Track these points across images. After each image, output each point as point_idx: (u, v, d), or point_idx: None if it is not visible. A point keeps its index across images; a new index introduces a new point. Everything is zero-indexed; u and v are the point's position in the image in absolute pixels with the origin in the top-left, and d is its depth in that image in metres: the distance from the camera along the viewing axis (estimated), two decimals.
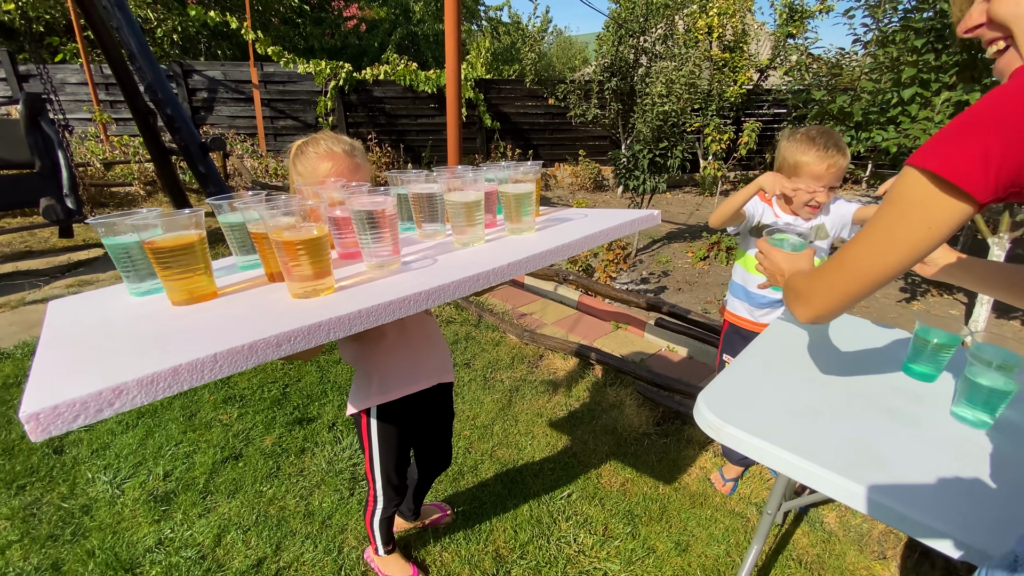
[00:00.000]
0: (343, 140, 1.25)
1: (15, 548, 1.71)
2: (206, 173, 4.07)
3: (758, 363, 1.37)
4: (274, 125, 8.72)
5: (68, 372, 0.63)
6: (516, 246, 1.05)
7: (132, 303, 0.90)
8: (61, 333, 0.79)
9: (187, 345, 0.66)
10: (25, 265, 4.30)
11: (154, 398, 0.61)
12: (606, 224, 1.18)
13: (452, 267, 0.92)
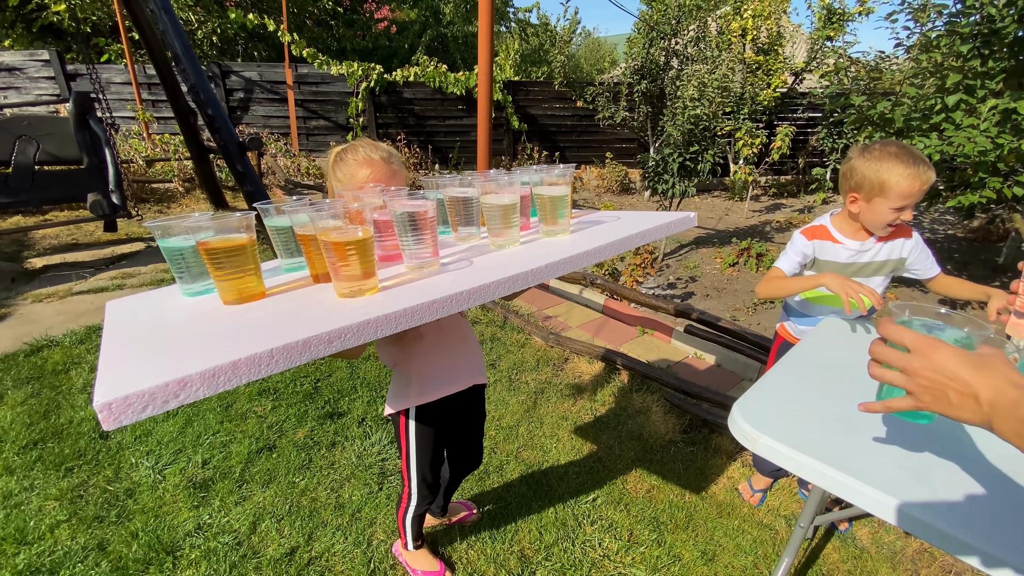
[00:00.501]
0: (380, 147, 1.27)
1: (63, 528, 1.80)
2: (243, 171, 4.19)
3: (794, 373, 1.36)
4: (306, 125, 8.92)
5: (135, 366, 0.66)
6: (552, 248, 1.07)
7: (185, 303, 0.94)
8: (122, 329, 0.84)
9: (244, 341, 0.70)
10: (72, 257, 4.50)
11: (215, 391, 0.65)
12: (642, 226, 1.18)
13: (490, 268, 0.94)
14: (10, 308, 3.45)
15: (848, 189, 1.54)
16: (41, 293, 3.69)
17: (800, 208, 8.12)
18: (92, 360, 2.81)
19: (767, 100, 7.46)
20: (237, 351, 0.66)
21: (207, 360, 0.64)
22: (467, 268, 0.96)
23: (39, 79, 8.26)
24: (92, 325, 3.17)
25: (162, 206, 6.42)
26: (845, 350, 1.50)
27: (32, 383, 2.59)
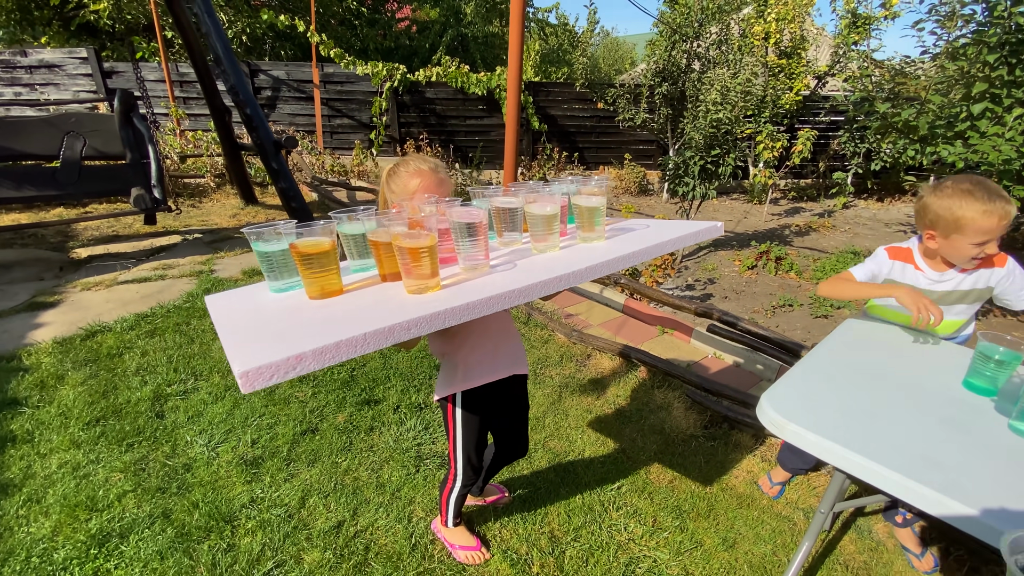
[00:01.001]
0: (428, 160, 1.42)
1: (129, 497, 1.95)
2: (278, 169, 4.36)
3: (818, 369, 1.45)
4: (331, 123, 9.11)
5: (256, 346, 0.80)
6: (589, 253, 1.18)
7: (274, 297, 1.08)
8: (230, 318, 0.98)
9: (339, 327, 0.83)
10: (114, 248, 4.71)
11: (322, 366, 0.78)
12: (671, 234, 1.28)
13: (534, 270, 1.06)
14: (62, 295, 3.65)
15: (924, 226, 1.54)
16: (89, 282, 3.89)
17: (820, 212, 8.11)
18: (143, 345, 2.98)
19: (789, 104, 7.46)
20: (337, 334, 0.79)
21: (314, 341, 0.77)
22: (513, 270, 1.08)
23: (77, 76, 8.57)
24: (140, 313, 3.35)
25: (194, 200, 6.64)
26: (866, 349, 1.59)
27: (90, 365, 2.76)
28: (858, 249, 6.09)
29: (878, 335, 1.68)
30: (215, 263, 4.45)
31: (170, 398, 2.54)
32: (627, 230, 1.40)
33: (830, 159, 9.01)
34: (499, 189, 1.44)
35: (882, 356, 1.55)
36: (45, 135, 4.38)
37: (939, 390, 1.36)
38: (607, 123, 9.30)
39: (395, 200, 1.39)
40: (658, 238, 1.26)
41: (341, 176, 8.28)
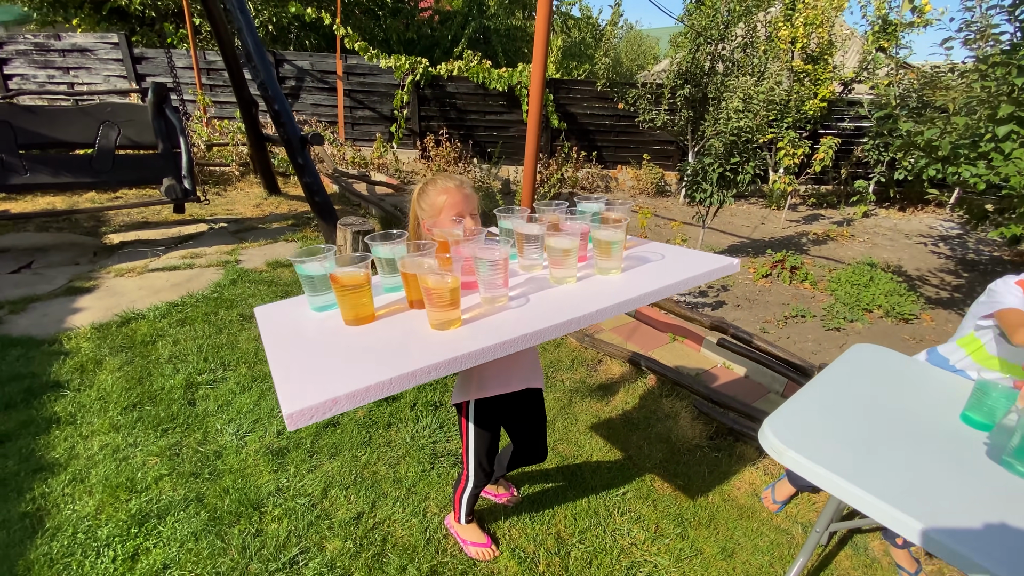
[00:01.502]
0: (454, 177, 1.53)
1: (165, 480, 2.09)
2: (303, 164, 4.47)
3: (821, 398, 1.52)
4: (352, 115, 9.22)
5: (299, 385, 0.91)
6: (603, 288, 1.26)
7: (314, 317, 1.20)
8: (278, 339, 1.10)
9: (370, 367, 0.95)
10: (144, 235, 4.89)
11: (354, 407, 0.91)
12: (686, 273, 1.34)
13: (548, 309, 1.15)
14: (97, 281, 3.82)
15: None
16: (122, 268, 4.06)
17: (839, 220, 8.04)
18: (174, 334, 3.13)
19: (813, 110, 7.38)
20: (367, 378, 0.91)
21: (347, 385, 0.89)
22: (527, 306, 1.17)
23: (108, 60, 8.77)
24: (171, 301, 3.51)
25: (219, 188, 6.81)
26: (869, 378, 1.65)
27: (125, 351, 2.92)
28: (875, 260, 6.06)
29: (882, 364, 1.73)
30: (240, 253, 4.60)
31: (200, 387, 2.68)
32: (643, 260, 1.47)
33: (853, 165, 8.90)
34: (524, 212, 1.52)
35: (884, 386, 1.61)
36: (82, 124, 4.54)
37: (937, 422, 1.43)
38: (627, 122, 9.28)
39: (425, 217, 1.51)
40: (672, 276, 1.32)
41: (361, 168, 8.40)
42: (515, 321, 1.09)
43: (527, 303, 1.19)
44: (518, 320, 1.09)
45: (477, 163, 9.11)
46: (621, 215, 1.52)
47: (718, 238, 6.80)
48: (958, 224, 8.22)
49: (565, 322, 1.09)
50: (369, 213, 6.25)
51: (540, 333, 1.06)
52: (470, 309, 1.16)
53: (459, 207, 1.48)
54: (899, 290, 5.21)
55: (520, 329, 1.04)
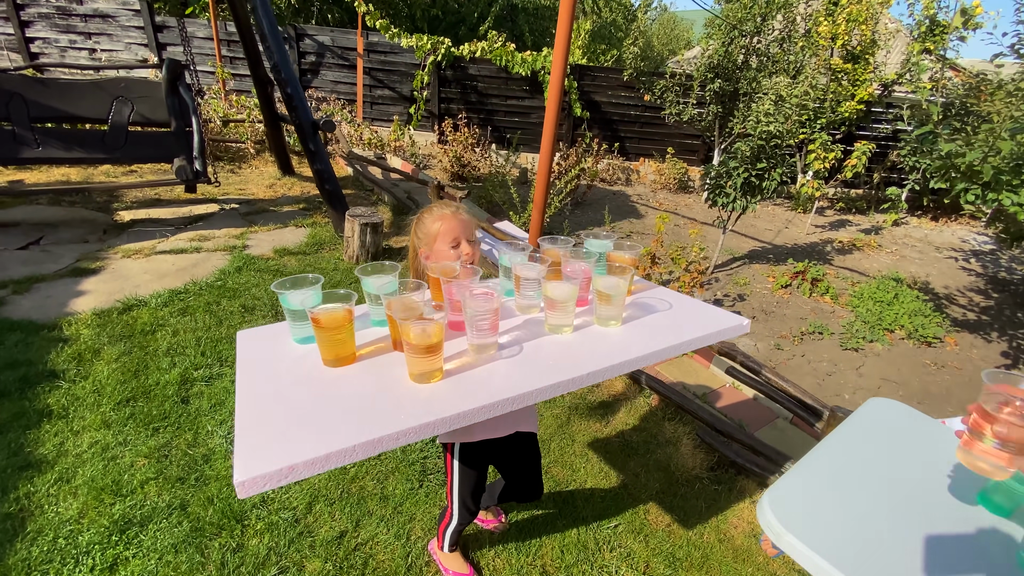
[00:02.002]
0: (449, 204, 1.49)
1: (151, 485, 2.08)
2: (314, 150, 4.39)
3: (833, 463, 1.40)
4: (372, 94, 9.08)
5: (259, 442, 0.84)
6: (599, 344, 1.16)
7: (294, 350, 1.12)
8: (250, 381, 1.02)
9: (336, 427, 0.87)
10: (155, 213, 4.88)
11: (313, 474, 0.82)
12: (691, 332, 1.22)
13: (537, 366, 1.05)
14: (104, 261, 3.82)
15: None
16: (129, 249, 4.05)
17: (867, 228, 7.73)
18: (175, 324, 3.11)
19: (849, 112, 7.03)
20: (330, 441, 0.83)
21: (307, 449, 0.81)
22: (517, 359, 1.08)
23: (129, 28, 8.71)
24: (174, 289, 3.49)
25: (234, 165, 6.78)
26: (886, 447, 1.52)
27: (124, 341, 2.91)
28: (901, 275, 5.82)
29: (901, 428, 1.61)
30: (248, 238, 4.56)
31: (195, 383, 2.66)
32: (647, 309, 1.36)
33: (887, 170, 8.52)
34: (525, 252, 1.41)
35: (900, 456, 1.48)
36: (95, 98, 4.50)
37: (953, 503, 1.31)
38: (652, 113, 8.99)
39: (422, 246, 1.46)
40: (675, 335, 1.21)
41: (377, 150, 8.29)
42: (500, 379, 1.01)
43: (518, 353, 1.11)
44: (504, 378, 1.01)
45: (495, 149, 8.93)
46: (629, 257, 1.41)
47: (739, 242, 6.59)
48: (992, 239, 7.85)
49: (551, 385, 1.00)
50: (381, 200, 6.17)
51: (523, 397, 0.97)
52: (455, 357, 1.08)
53: (455, 233, 1.43)
54: (924, 310, 4.99)
55: (503, 391, 0.96)
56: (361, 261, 4.31)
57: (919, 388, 3.94)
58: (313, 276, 1.21)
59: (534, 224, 4.01)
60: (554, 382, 0.99)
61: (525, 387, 0.97)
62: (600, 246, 1.49)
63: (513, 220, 5.82)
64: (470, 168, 8.01)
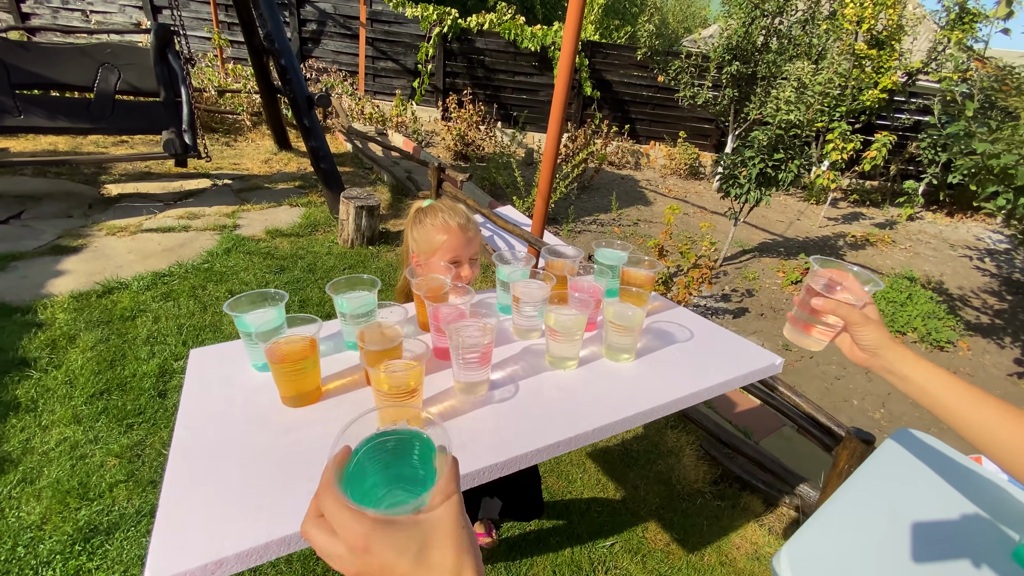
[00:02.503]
0: (459, 211, 1.29)
1: (121, 488, 1.96)
2: (310, 127, 4.17)
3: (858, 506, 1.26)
4: (374, 66, 8.75)
5: (182, 532, 0.68)
6: (608, 385, 1.00)
7: (252, 383, 0.96)
8: (191, 424, 0.86)
9: (280, 503, 0.71)
10: (144, 187, 4.69)
11: (245, 568, 0.67)
12: (716, 375, 1.05)
13: (533, 417, 0.89)
14: (87, 239, 3.66)
15: None
16: (115, 225, 3.89)
17: (881, 222, 7.50)
18: (156, 309, 2.97)
19: (871, 100, 6.73)
20: (272, 525, 0.68)
21: (242, 537, 0.66)
22: (509, 404, 0.92)
23: None
24: (158, 271, 3.33)
25: (229, 138, 6.54)
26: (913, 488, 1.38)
27: (102, 327, 2.76)
28: (915, 274, 5.63)
29: (930, 465, 1.46)
30: (240, 216, 4.39)
31: (174, 375, 2.52)
32: (664, 338, 1.18)
33: (904, 162, 8.22)
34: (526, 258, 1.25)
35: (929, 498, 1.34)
36: (80, 65, 4.27)
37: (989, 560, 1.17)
38: (665, 95, 8.66)
39: (417, 251, 1.31)
40: (698, 379, 1.02)
41: (379, 125, 8.02)
42: (488, 437, 0.84)
43: (511, 396, 0.94)
44: (492, 436, 0.85)
45: (501, 128, 8.64)
46: (647, 275, 1.24)
47: (749, 233, 6.39)
48: (1007, 239, 7.62)
49: (549, 446, 0.85)
50: (380, 179, 5.95)
51: (514, 461, 0.82)
52: (438, 398, 0.92)
53: (457, 252, 1.28)
54: (938, 312, 4.82)
55: (490, 454, 0.80)
56: (356, 245, 4.14)
57: None
58: (370, 278, 1.05)
59: (538, 211, 3.82)
60: (552, 442, 0.84)
61: (517, 449, 0.82)
62: (614, 258, 1.32)
63: (516, 205, 5.62)
64: (474, 147, 7.75)
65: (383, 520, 0.38)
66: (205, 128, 6.48)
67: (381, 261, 4.00)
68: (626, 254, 1.32)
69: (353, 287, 1.07)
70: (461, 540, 0.40)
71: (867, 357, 0.80)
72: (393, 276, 3.78)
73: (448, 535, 0.39)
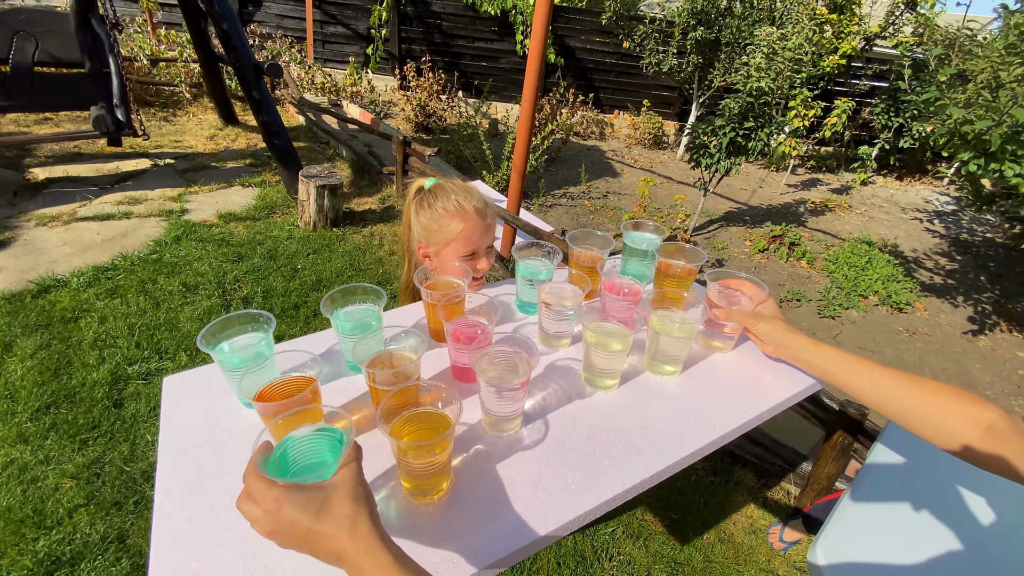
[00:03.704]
0: (474, 194, 1.13)
1: (82, 512, 1.77)
2: (259, 99, 3.83)
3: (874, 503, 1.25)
4: (324, 31, 8.17)
5: None
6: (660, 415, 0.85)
7: (236, 419, 0.81)
8: (167, 509, 0.68)
9: None
10: (75, 170, 4.23)
11: None
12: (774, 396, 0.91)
13: (574, 464, 0.74)
14: (14, 231, 3.26)
15: None
16: (45, 215, 3.49)
17: (838, 188, 7.73)
18: (102, 308, 2.69)
19: (831, 66, 6.81)
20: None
21: None
22: (544, 445, 0.77)
23: None
24: (100, 265, 3.02)
25: (167, 112, 6.00)
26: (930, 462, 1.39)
27: (41, 331, 2.48)
28: (872, 238, 5.84)
29: None
30: (187, 199, 4.03)
31: (130, 381, 2.30)
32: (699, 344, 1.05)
33: (858, 127, 8.45)
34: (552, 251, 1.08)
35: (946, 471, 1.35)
36: None
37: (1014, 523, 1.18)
38: (629, 62, 8.51)
39: (427, 241, 1.12)
40: (757, 403, 0.89)
41: (332, 96, 7.55)
42: (524, 502, 0.68)
43: (543, 437, 0.79)
44: (529, 495, 0.69)
45: (463, 97, 8.31)
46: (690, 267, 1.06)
47: (715, 203, 6.44)
48: (953, 200, 8.02)
49: (601, 504, 0.70)
50: (339, 154, 5.61)
51: (559, 531, 0.67)
52: (463, 443, 0.77)
53: (476, 242, 1.12)
54: (896, 275, 5.02)
55: (529, 525, 0.65)
56: (319, 227, 3.89)
57: (893, 357, 3.98)
58: (371, 287, 0.90)
59: (513, 187, 3.68)
60: (607, 498, 0.70)
61: (567, 512, 0.67)
62: (645, 243, 1.20)
63: (486, 180, 5.43)
64: (436, 118, 7.43)
65: (291, 486, 0.46)
66: (140, 102, 5.90)
67: (348, 244, 3.77)
68: (660, 239, 1.18)
69: (351, 298, 0.92)
70: (357, 494, 0.48)
71: (773, 349, 0.86)
72: (362, 260, 3.58)
73: (346, 491, 0.47)
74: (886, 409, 0.75)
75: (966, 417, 0.67)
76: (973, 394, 0.70)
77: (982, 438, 0.66)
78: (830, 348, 0.81)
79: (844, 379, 0.78)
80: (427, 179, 1.19)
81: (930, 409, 0.71)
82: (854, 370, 0.78)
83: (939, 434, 0.70)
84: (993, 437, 0.65)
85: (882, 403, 0.76)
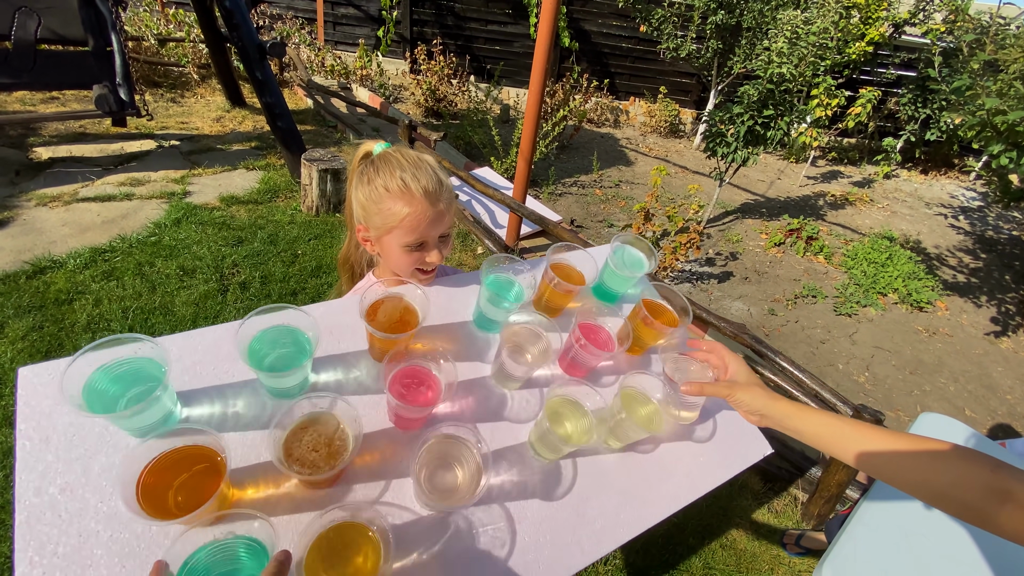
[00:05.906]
0: (424, 170, 0.92)
1: None
2: (263, 80, 3.74)
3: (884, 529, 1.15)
4: (334, 12, 8.05)
5: None
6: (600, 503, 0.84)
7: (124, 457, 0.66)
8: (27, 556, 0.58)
9: None
10: (79, 150, 4.20)
11: None
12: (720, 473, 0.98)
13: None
14: (14, 211, 3.24)
15: None
16: (46, 195, 3.46)
17: (859, 180, 7.47)
18: (97, 291, 2.65)
19: (857, 54, 6.53)
20: None
21: None
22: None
23: None
24: (97, 247, 2.98)
25: (175, 93, 5.94)
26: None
27: (34, 313, 2.45)
28: (894, 234, 5.62)
29: None
30: (190, 182, 3.98)
31: None
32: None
33: (883, 119, 8.14)
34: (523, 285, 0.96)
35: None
36: None
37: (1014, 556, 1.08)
38: (646, 47, 8.27)
39: (367, 224, 0.95)
40: (699, 479, 0.96)
41: (342, 79, 7.45)
42: None
43: (497, 521, 0.77)
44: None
45: (475, 82, 8.16)
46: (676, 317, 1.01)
47: (731, 193, 6.25)
48: (979, 195, 7.72)
49: None
50: (346, 139, 5.53)
51: None
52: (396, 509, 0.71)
53: (422, 232, 0.92)
54: (918, 272, 4.83)
55: None
56: (322, 212, 3.82)
57: (911, 357, 3.82)
58: (292, 331, 0.80)
59: (520, 173, 3.57)
60: None
61: None
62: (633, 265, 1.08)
63: (494, 167, 5.32)
64: (446, 103, 7.29)
65: None
66: (148, 82, 5.86)
67: None
68: (648, 263, 1.07)
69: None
70: None
71: (757, 419, 0.79)
72: None
73: None
74: (893, 483, 0.68)
75: (983, 489, 0.58)
76: (982, 454, 0.61)
77: (1013, 515, 0.56)
78: (818, 413, 0.75)
79: (840, 447, 0.71)
80: (378, 143, 0.97)
81: (939, 481, 0.62)
82: (848, 437, 0.71)
83: (957, 508, 0.61)
84: (1018, 509, 0.56)
85: (887, 477, 0.68)
